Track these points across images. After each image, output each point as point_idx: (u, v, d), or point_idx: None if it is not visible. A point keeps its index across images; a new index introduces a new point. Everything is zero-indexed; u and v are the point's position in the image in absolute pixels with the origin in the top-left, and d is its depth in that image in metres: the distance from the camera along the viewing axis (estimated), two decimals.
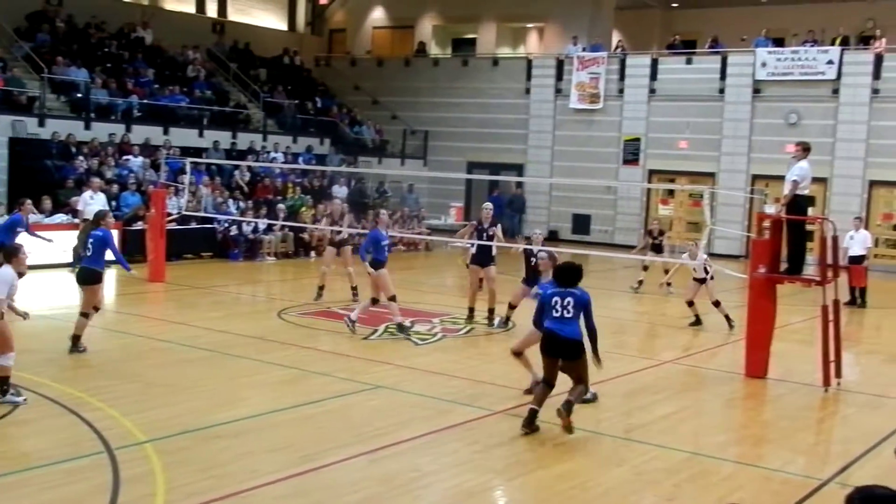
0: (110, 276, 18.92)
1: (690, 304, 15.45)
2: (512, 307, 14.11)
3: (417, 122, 33.21)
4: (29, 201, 15.50)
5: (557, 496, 7.43)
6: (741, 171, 27.99)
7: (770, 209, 14.23)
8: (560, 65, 31.32)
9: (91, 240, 11.77)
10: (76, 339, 11.58)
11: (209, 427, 8.71)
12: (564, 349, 9.00)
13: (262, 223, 22.73)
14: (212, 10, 34.10)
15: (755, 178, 27.69)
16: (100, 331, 13.60)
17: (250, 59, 32.63)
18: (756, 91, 27.92)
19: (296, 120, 30.63)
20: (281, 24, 36.94)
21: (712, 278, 15.19)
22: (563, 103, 31.06)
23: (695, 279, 15.50)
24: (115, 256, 12.47)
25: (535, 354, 9.65)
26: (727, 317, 15.13)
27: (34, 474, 7.30)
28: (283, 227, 23.13)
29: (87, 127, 24.09)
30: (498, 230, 14.75)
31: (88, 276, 11.77)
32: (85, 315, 11.65)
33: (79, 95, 24.71)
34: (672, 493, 7.64)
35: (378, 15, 38.09)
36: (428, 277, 22.09)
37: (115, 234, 12.90)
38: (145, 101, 26.15)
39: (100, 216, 12.21)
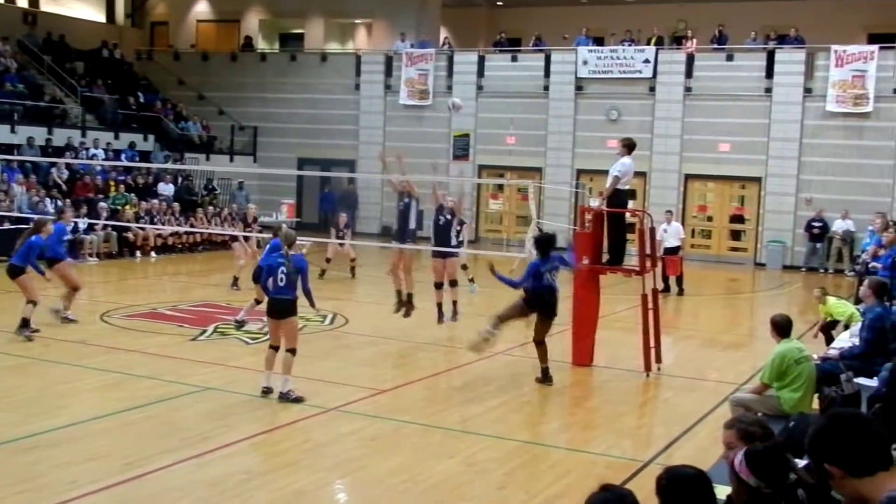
0: None
1: None
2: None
3: (245, 118, 32.55)
4: (70, 209, 15.61)
5: (389, 491, 7.42)
6: (566, 167, 28.81)
7: (593, 203, 14.73)
8: (389, 61, 31.38)
9: (26, 242, 12.97)
10: (25, 321, 12.58)
11: (23, 438, 8.25)
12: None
13: (83, 223, 21.74)
14: (22, 0, 32.34)
15: (580, 172, 28.56)
16: None
17: (66, 52, 31.10)
18: (578, 88, 28.79)
19: (117, 115, 29.41)
20: (98, 16, 35.43)
21: None
22: (392, 99, 31.13)
23: None
24: (31, 262, 13.05)
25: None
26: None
27: None
28: (105, 226, 22.21)
29: None
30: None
31: (16, 272, 12.84)
32: (32, 303, 12.69)
33: None
34: (503, 481, 7.77)
35: (202, 8, 37.08)
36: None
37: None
38: None
39: (41, 223, 13.39)
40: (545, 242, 11.43)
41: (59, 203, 22.56)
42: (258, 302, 13.83)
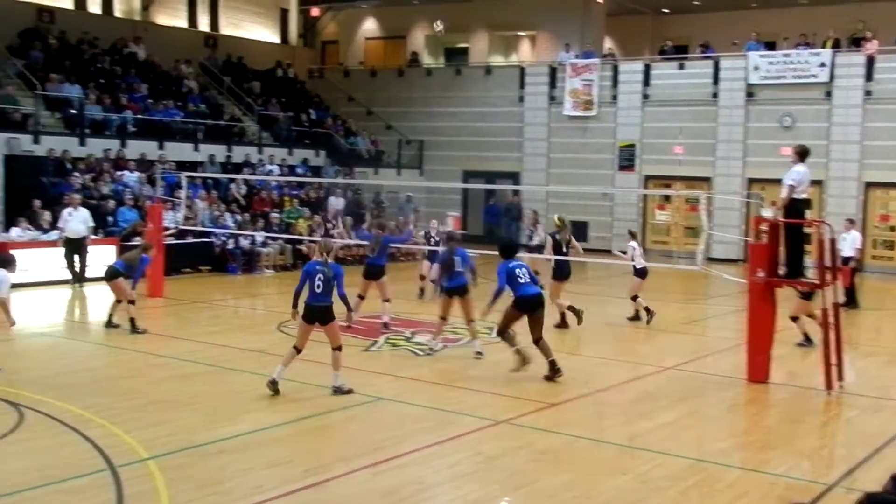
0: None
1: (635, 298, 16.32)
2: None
3: (412, 132, 33.23)
4: (153, 247, 16.16)
5: None
6: (736, 175, 28.02)
7: (767, 213, 14.25)
8: (553, 72, 31.37)
9: (142, 259, 14.70)
10: (132, 321, 14.11)
11: (211, 443, 8.68)
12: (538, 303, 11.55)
13: (260, 236, 22.68)
14: (204, 25, 34.08)
15: (751, 181, 27.73)
16: (99, 347, 13.63)
17: (243, 73, 32.62)
18: (749, 95, 27.96)
19: (290, 132, 30.61)
20: (273, 37, 36.94)
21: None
22: (557, 110, 31.10)
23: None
24: (138, 275, 14.85)
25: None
26: (646, 309, 16.10)
27: (36, 493, 7.25)
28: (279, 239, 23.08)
29: (82, 143, 24.06)
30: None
31: (116, 274, 14.27)
32: (132, 302, 14.22)
33: (73, 112, 24.68)
34: (677, 500, 7.61)
35: (370, 26, 38.14)
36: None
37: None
38: (139, 116, 26.13)
39: (149, 246, 15.16)
40: (508, 247, 12.20)
41: (238, 217, 23.63)
42: (362, 297, 14.90)
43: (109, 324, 14.48)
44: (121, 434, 8.79)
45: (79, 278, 19.21)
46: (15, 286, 18.47)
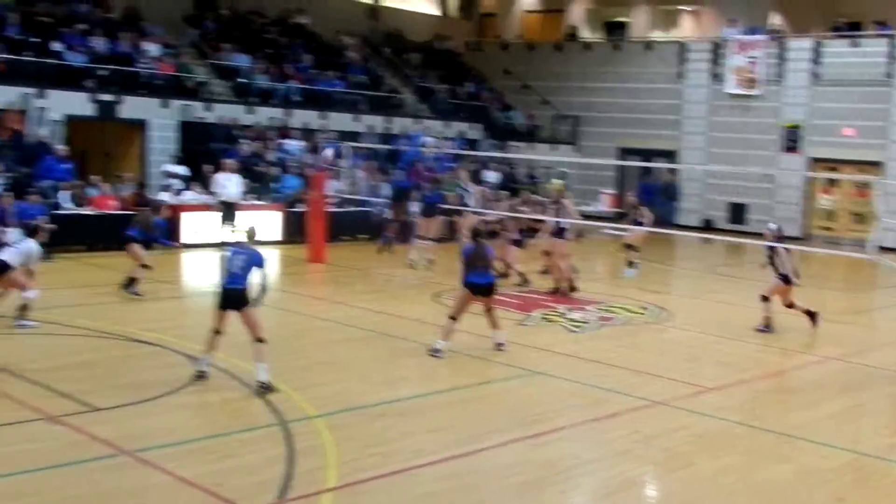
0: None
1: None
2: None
3: (568, 108, 33.00)
4: (168, 207, 16.86)
5: (720, 490, 7.35)
6: None
7: None
8: (716, 48, 30.54)
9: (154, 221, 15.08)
10: (132, 280, 14.24)
11: (373, 405, 9.02)
12: None
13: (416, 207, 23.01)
14: None
15: None
16: (266, 308, 14.22)
17: (403, 45, 33.11)
18: None
19: (447, 105, 30.93)
20: (433, 10, 37.30)
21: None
22: (718, 88, 30.29)
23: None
24: (157, 237, 15.23)
25: None
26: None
27: (214, 442, 7.74)
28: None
29: (250, 111, 25.01)
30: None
31: (128, 241, 14.42)
32: (146, 266, 14.28)
33: (242, 81, 25.66)
34: (840, 492, 7.45)
35: None
36: (580, 264, 21.92)
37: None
38: (304, 86, 26.92)
39: (160, 206, 15.75)
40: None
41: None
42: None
43: (128, 286, 14.21)
44: (289, 391, 9.23)
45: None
46: (186, 247, 19.60)
